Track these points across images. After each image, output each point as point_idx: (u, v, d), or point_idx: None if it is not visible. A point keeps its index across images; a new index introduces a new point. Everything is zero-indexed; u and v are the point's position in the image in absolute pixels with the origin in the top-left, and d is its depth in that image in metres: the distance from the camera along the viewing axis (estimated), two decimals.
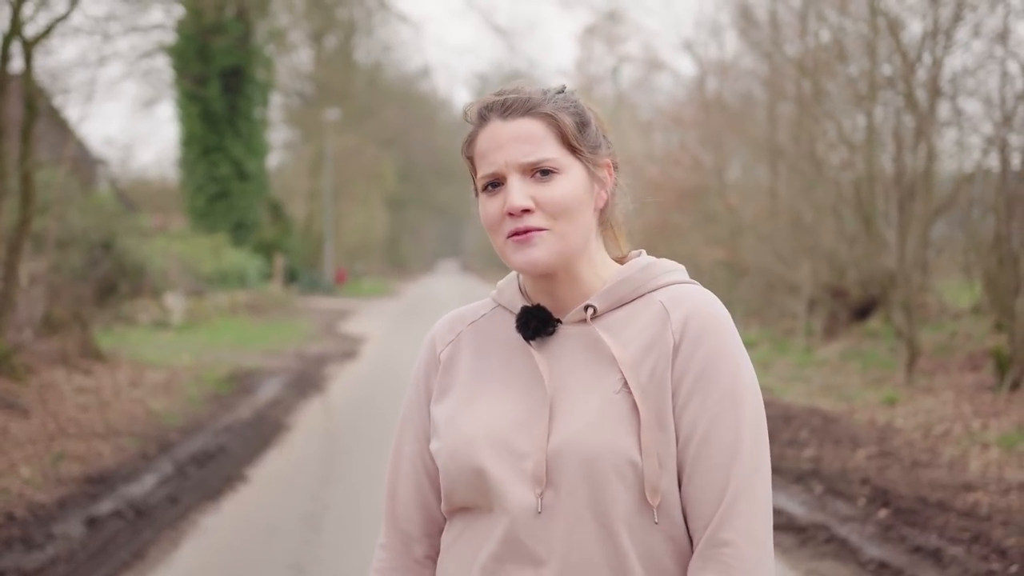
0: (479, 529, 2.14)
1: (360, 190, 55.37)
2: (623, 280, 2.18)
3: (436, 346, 2.30)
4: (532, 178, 2.10)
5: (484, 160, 2.13)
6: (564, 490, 2.06)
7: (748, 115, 23.78)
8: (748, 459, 2.06)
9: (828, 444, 11.01)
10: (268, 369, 18.36)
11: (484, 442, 2.12)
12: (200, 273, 30.50)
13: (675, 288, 2.19)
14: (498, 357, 2.22)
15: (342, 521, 8.65)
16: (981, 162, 15.99)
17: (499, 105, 2.14)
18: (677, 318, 2.12)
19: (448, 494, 2.18)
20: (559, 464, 2.07)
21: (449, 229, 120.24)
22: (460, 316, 2.33)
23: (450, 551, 2.20)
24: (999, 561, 7.01)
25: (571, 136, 2.12)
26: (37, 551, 7.51)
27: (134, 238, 26.18)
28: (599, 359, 2.13)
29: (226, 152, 38.56)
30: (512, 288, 2.27)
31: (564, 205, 2.10)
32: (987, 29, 14.74)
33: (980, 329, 16.43)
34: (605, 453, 2.05)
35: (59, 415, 12.23)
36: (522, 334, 2.18)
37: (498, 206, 2.12)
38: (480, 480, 2.11)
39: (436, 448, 2.21)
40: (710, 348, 2.10)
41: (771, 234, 21.55)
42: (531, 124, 2.11)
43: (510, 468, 2.09)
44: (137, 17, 23.64)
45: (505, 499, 2.09)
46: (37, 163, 15.51)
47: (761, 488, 2.07)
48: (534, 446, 2.09)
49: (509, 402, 2.15)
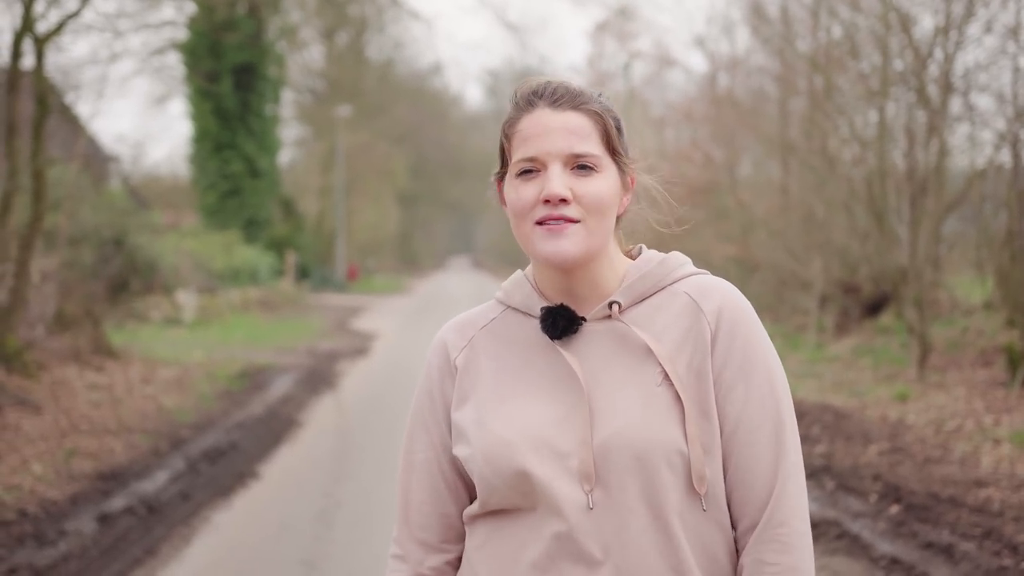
0: (519, 530, 2.13)
1: (372, 187, 55.40)
2: (643, 276, 2.20)
3: (450, 352, 2.28)
4: (571, 171, 2.12)
5: (526, 144, 2.14)
6: (614, 485, 2.07)
7: (760, 111, 23.76)
8: (791, 444, 2.14)
9: (840, 440, 10.99)
10: (280, 366, 18.37)
11: (524, 444, 2.11)
12: (212, 270, 30.54)
13: (695, 280, 2.22)
14: (519, 359, 2.21)
15: (354, 517, 8.66)
16: (993, 158, 15.95)
17: (550, 93, 2.16)
18: (710, 309, 2.16)
19: (485, 498, 2.17)
20: (607, 460, 2.08)
21: (461, 226, 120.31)
22: (469, 321, 2.32)
23: (481, 553, 2.19)
24: (1011, 557, 6.99)
25: (613, 138, 2.16)
26: (49, 548, 7.52)
27: (146, 235, 26.22)
28: (630, 353, 2.14)
29: (238, 149, 38.59)
30: (524, 290, 2.26)
31: (599, 202, 2.12)
32: (999, 25, 14.71)
33: (992, 325, 16.39)
34: (655, 445, 2.07)
35: (71, 412, 12.25)
36: (549, 334, 2.17)
37: (533, 192, 2.12)
38: (524, 482, 2.10)
39: (466, 454, 2.19)
40: (745, 338, 2.15)
41: (783, 230, 21.53)
42: (579, 118, 2.13)
43: (555, 467, 2.09)
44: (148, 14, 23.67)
45: (555, 498, 2.08)
46: (49, 160, 15.55)
47: (801, 470, 2.14)
48: (577, 443, 2.09)
49: (541, 402, 2.15)
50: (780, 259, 21.37)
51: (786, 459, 2.12)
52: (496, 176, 2.24)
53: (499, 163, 2.23)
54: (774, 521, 2.09)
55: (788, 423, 2.14)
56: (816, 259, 19.98)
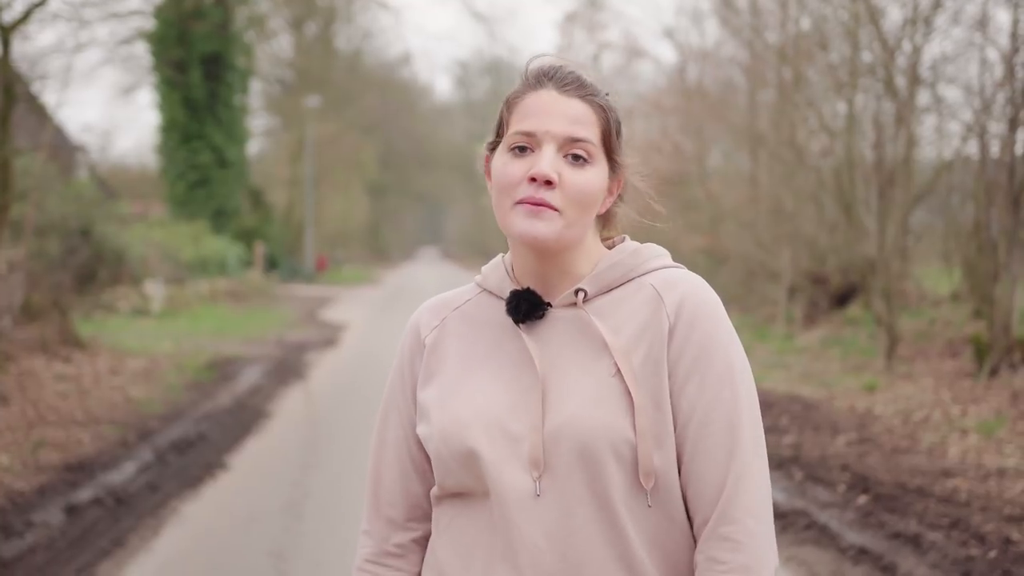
0: (473, 515, 2.13)
1: (341, 177, 55.26)
2: (613, 265, 2.19)
3: (421, 331, 2.29)
4: (564, 158, 2.10)
5: (525, 120, 2.12)
6: (562, 472, 2.06)
7: (729, 102, 23.81)
8: (748, 439, 2.09)
9: (808, 431, 11.04)
10: (248, 357, 18.32)
11: (477, 425, 2.10)
12: (180, 260, 30.40)
13: (666, 272, 2.20)
14: (486, 341, 2.21)
15: (323, 508, 8.64)
16: (961, 149, 16.06)
17: (560, 76, 2.15)
18: (671, 301, 2.14)
19: (441, 479, 2.17)
20: (556, 446, 2.06)
21: (430, 216, 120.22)
22: (444, 301, 2.32)
23: (443, 536, 2.19)
24: (978, 547, 7.03)
25: (612, 135, 2.16)
26: (16, 539, 7.48)
27: (113, 225, 26.09)
28: (590, 342, 2.13)
29: (206, 139, 38.43)
30: (499, 273, 2.25)
31: (583, 195, 2.11)
32: (967, 16, 14.80)
33: (959, 316, 16.50)
34: (602, 434, 2.05)
35: (38, 403, 12.19)
36: (512, 316, 2.17)
37: (521, 169, 2.10)
38: (474, 463, 2.09)
39: (426, 433, 2.19)
40: (705, 331, 2.12)
41: (752, 221, 21.60)
42: (583, 107, 2.13)
43: (505, 451, 2.08)
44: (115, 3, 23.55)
45: (500, 483, 2.07)
46: (15, 150, 15.44)
47: (761, 467, 2.09)
48: (529, 428, 2.08)
49: (500, 385, 2.14)
50: (749, 250, 21.45)
51: (741, 455, 2.07)
52: (488, 146, 2.22)
53: (494, 133, 2.21)
54: (726, 518, 2.05)
55: (746, 418, 2.09)
56: (785, 250, 20.06)
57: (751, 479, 2.07)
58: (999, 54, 14.03)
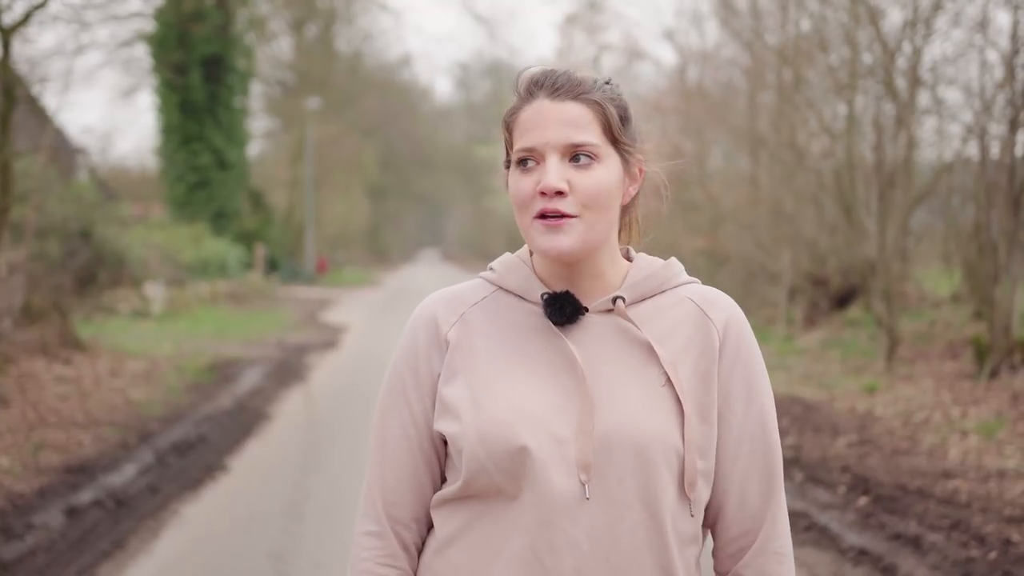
0: (501, 519, 2.09)
1: (341, 179, 55.25)
2: (650, 275, 2.20)
3: (440, 326, 2.21)
4: (570, 162, 2.09)
5: (525, 134, 2.11)
6: (612, 478, 2.06)
7: (729, 104, 23.80)
8: (780, 459, 2.21)
9: (808, 432, 11.03)
10: (249, 358, 18.32)
11: (522, 424, 2.07)
12: (180, 262, 30.40)
13: (698, 288, 2.24)
14: (515, 341, 2.17)
15: (323, 510, 8.64)
16: (961, 151, 16.05)
17: (550, 83, 2.12)
18: (719, 318, 2.20)
19: (469, 479, 2.10)
20: (608, 451, 2.06)
21: (430, 218, 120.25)
22: (458, 297, 2.25)
23: (460, 540, 2.14)
24: (978, 548, 7.03)
25: (615, 127, 2.12)
26: (17, 541, 7.48)
27: (114, 227, 26.07)
28: (632, 350, 2.14)
29: (206, 141, 38.44)
30: (521, 273, 2.22)
31: (598, 194, 2.09)
32: (967, 18, 14.79)
33: (960, 317, 16.49)
34: (656, 443, 2.06)
35: (39, 405, 12.19)
36: (553, 319, 2.14)
37: (531, 184, 2.09)
38: (519, 463, 2.05)
39: (455, 431, 2.12)
40: (749, 353, 2.21)
41: (752, 223, 21.59)
42: (578, 108, 2.10)
43: (551, 453, 2.06)
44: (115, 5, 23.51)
45: (547, 484, 2.05)
46: (15, 152, 15.44)
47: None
48: (575, 431, 2.07)
49: (539, 387, 2.11)
50: (749, 251, 21.45)
51: (779, 474, 2.19)
52: (504, 164, 2.21)
53: (504, 153, 2.20)
54: (773, 534, 2.17)
55: (777, 439, 2.20)
56: (785, 251, 20.05)
57: (782, 501, 2.20)
58: (999, 55, 14.05)
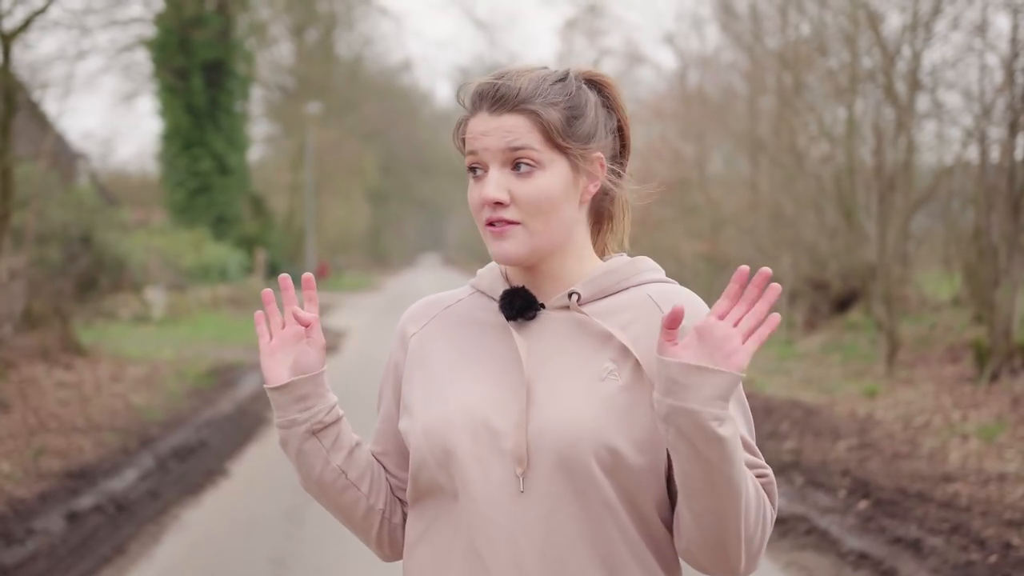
0: (450, 518, 2.13)
1: (341, 184, 55.25)
2: (609, 271, 2.18)
3: (409, 328, 2.32)
4: (512, 171, 2.09)
5: (469, 144, 2.13)
6: (545, 471, 2.06)
7: (729, 108, 23.81)
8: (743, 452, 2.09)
9: (809, 436, 11.03)
10: (249, 363, 18.31)
11: (461, 422, 2.11)
12: (181, 267, 30.41)
13: (661, 285, 2.20)
14: (475, 339, 2.21)
15: (324, 515, 8.62)
16: (961, 155, 16.06)
17: (490, 97, 2.12)
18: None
19: (415, 474, 2.17)
20: (541, 445, 2.06)
21: (431, 223, 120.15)
22: (437, 300, 2.34)
23: (423, 543, 2.19)
24: (978, 552, 7.03)
25: (555, 133, 2.09)
26: (17, 546, 7.49)
27: (114, 232, 26.10)
28: (583, 345, 2.13)
29: (207, 146, 38.44)
30: (493, 274, 2.26)
31: (538, 202, 2.09)
32: (966, 22, 14.80)
33: (960, 321, 16.49)
34: (586, 437, 2.05)
35: (39, 410, 12.19)
36: (505, 313, 2.17)
37: (478, 192, 2.12)
38: (450, 459, 2.10)
39: (406, 427, 2.21)
40: None
41: (752, 227, 21.59)
42: (514, 120, 2.09)
43: (488, 447, 2.09)
44: (116, 10, 23.57)
45: (480, 478, 2.08)
46: (16, 158, 15.45)
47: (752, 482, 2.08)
48: (513, 425, 2.08)
49: (487, 383, 2.14)
50: (749, 256, 21.42)
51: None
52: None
53: None
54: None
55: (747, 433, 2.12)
56: (785, 256, 20.06)
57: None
58: (999, 59, 14.05)
